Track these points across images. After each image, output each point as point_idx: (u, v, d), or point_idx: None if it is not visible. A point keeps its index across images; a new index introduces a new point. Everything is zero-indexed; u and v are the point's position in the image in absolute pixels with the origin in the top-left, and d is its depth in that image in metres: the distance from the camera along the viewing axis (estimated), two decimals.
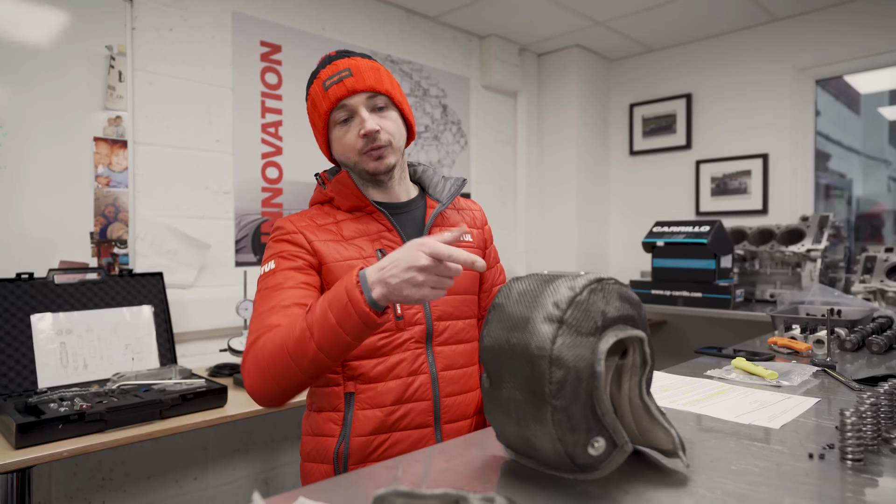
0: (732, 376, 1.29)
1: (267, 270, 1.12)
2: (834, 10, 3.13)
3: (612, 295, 0.73)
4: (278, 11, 2.64)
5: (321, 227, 1.16)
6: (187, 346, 2.31)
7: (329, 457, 1.13)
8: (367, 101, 1.13)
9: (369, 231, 1.17)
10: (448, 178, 1.29)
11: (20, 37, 1.96)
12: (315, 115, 1.18)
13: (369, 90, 1.13)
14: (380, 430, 1.12)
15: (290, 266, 1.11)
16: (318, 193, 1.24)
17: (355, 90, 1.12)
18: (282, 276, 1.09)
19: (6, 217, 1.93)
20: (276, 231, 1.18)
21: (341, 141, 1.16)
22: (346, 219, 1.18)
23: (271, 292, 1.07)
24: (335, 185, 1.18)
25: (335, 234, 1.16)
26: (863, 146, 4.32)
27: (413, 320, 1.15)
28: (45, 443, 1.44)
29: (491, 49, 3.52)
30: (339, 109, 1.13)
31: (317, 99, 1.15)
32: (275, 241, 1.16)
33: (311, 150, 2.73)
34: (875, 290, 2.50)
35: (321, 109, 1.15)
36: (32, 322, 1.81)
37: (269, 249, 1.16)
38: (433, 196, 1.27)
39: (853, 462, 0.77)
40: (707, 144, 3.60)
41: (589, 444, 0.69)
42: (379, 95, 1.15)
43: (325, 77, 1.14)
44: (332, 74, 1.13)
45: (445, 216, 1.27)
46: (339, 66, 1.13)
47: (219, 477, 2.41)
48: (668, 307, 2.89)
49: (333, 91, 1.12)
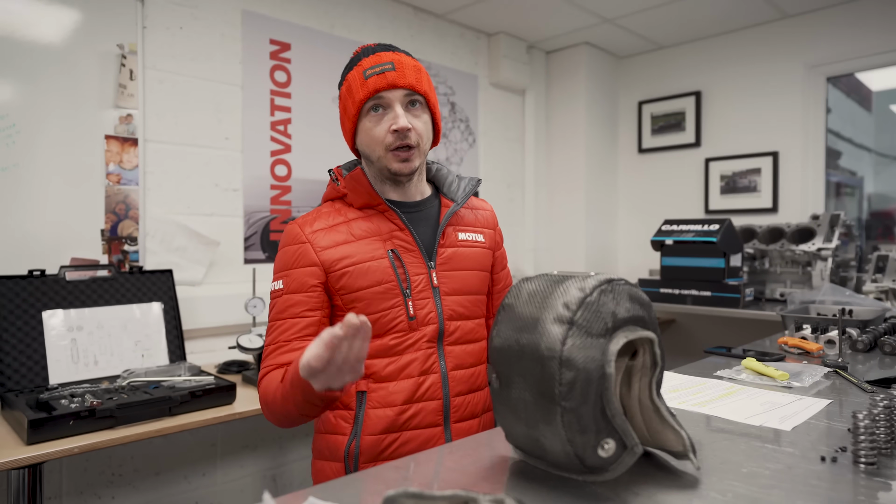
0: (742, 377, 1.28)
1: (275, 288, 1.17)
2: (845, 7, 3.10)
3: (623, 296, 0.73)
4: (287, 9, 2.65)
5: (332, 228, 1.16)
6: (196, 342, 2.32)
7: (340, 455, 1.14)
8: (403, 98, 1.12)
9: (381, 230, 1.17)
10: (462, 178, 1.28)
11: (33, 36, 1.97)
12: (349, 101, 1.15)
13: (409, 88, 1.12)
14: (391, 428, 1.13)
15: (295, 289, 1.14)
16: (330, 189, 1.23)
17: (395, 85, 1.11)
18: (287, 300, 1.14)
19: (18, 214, 1.95)
20: (286, 236, 1.19)
21: (370, 133, 1.14)
22: (357, 217, 1.18)
23: (278, 317, 1.15)
24: (349, 182, 1.17)
25: (346, 234, 1.15)
26: (874, 143, 4.28)
27: (426, 320, 1.16)
28: (56, 439, 1.45)
29: (499, 46, 3.51)
30: (374, 100, 1.12)
31: (354, 86, 1.13)
32: (284, 248, 1.18)
33: (320, 147, 2.74)
34: (887, 290, 2.48)
35: (357, 97, 1.13)
36: (44, 319, 1.82)
37: (279, 259, 1.19)
38: (447, 195, 1.26)
39: (866, 465, 0.77)
40: (716, 142, 3.57)
41: (599, 446, 0.69)
42: (417, 95, 1.14)
43: (367, 66, 1.12)
44: (374, 65, 1.12)
45: (460, 215, 1.27)
46: (383, 59, 1.12)
47: (227, 473, 2.42)
48: (677, 306, 2.88)
49: (374, 81, 1.10)
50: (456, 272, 1.21)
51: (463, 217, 1.27)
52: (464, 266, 1.22)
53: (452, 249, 1.22)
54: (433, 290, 1.17)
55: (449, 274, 1.20)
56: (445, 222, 1.21)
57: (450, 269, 1.20)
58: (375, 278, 1.13)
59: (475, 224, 1.29)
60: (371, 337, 1.10)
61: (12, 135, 1.93)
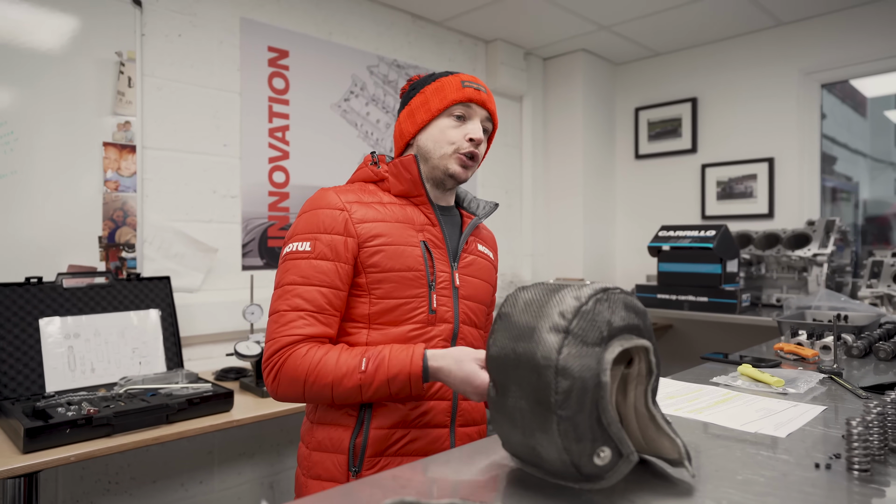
0: (738, 383, 1.29)
1: (298, 249, 1.10)
2: (840, 15, 3.12)
3: (618, 304, 0.73)
4: (286, 17, 2.66)
5: (367, 204, 1.16)
6: (194, 349, 2.32)
7: (344, 447, 1.12)
8: (484, 119, 1.23)
9: (415, 220, 1.19)
10: (481, 200, 1.36)
11: (31, 43, 1.98)
12: (436, 98, 1.19)
13: (491, 113, 1.24)
14: (401, 424, 1.13)
15: (327, 255, 1.10)
16: (365, 171, 1.24)
17: (485, 104, 1.22)
18: (316, 266, 1.09)
19: (16, 221, 1.95)
20: (318, 200, 1.14)
21: (446, 132, 1.19)
22: (392, 202, 1.19)
23: (302, 281, 1.09)
24: (395, 167, 1.20)
25: (382, 213, 1.16)
26: (870, 149, 4.30)
27: (444, 318, 1.17)
28: (52, 447, 1.45)
29: (497, 53, 3.53)
30: (463, 107, 1.20)
31: (448, 88, 1.19)
32: (315, 210, 1.13)
33: (318, 154, 2.74)
34: (882, 295, 2.49)
35: (450, 97, 1.19)
36: (41, 326, 1.82)
37: (306, 220, 1.13)
38: (468, 209, 1.34)
39: (860, 472, 0.77)
40: (713, 148, 3.59)
41: (594, 454, 0.69)
42: (491, 123, 1.25)
43: (465, 79, 1.21)
44: (472, 81, 1.22)
45: (479, 229, 1.35)
46: (479, 81, 1.24)
47: (224, 481, 2.41)
48: (674, 311, 2.88)
49: (471, 92, 1.19)
50: (473, 279, 1.25)
51: (480, 231, 1.35)
52: (480, 275, 1.27)
53: (472, 257, 1.27)
54: (454, 289, 1.20)
55: (468, 279, 1.23)
56: (470, 230, 1.26)
57: (469, 275, 1.24)
58: (407, 263, 1.13)
59: (488, 240, 1.36)
60: (390, 324, 1.12)
61: (10, 142, 1.93)
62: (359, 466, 1.11)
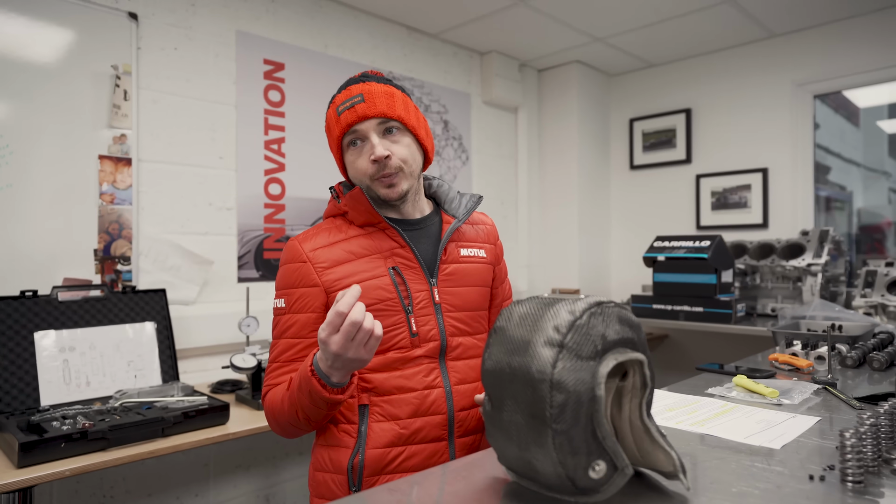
0: (733, 394, 1.29)
1: (277, 306, 1.19)
2: (832, 27, 3.16)
3: (612, 318, 0.74)
4: (281, 29, 2.67)
5: (333, 245, 1.17)
6: (189, 362, 2.31)
7: (343, 467, 1.13)
8: (377, 127, 1.15)
9: (382, 248, 1.18)
10: (464, 195, 1.30)
11: (28, 56, 1.98)
12: (330, 139, 1.20)
13: (380, 116, 1.14)
14: (396, 442, 1.13)
15: (297, 309, 1.16)
16: (332, 206, 1.24)
17: (366, 116, 1.13)
18: (289, 320, 1.17)
19: (11, 234, 1.94)
20: (287, 254, 1.19)
21: (354, 165, 1.17)
22: (358, 234, 1.19)
23: (280, 335, 1.18)
24: (349, 201, 1.18)
25: (347, 252, 1.16)
26: (863, 158, 4.33)
27: (428, 337, 1.17)
28: (47, 462, 1.44)
29: (491, 65, 3.55)
30: (350, 134, 1.15)
31: (331, 124, 1.18)
32: (285, 265, 1.19)
33: (314, 166, 2.75)
34: (876, 305, 2.50)
35: (334, 134, 1.18)
36: (35, 339, 1.82)
37: (281, 276, 1.20)
38: (448, 211, 1.28)
39: (853, 484, 0.77)
40: (707, 159, 3.61)
41: (590, 468, 0.70)
42: (391, 121, 1.16)
43: (339, 102, 1.16)
44: (345, 100, 1.15)
45: (461, 231, 1.28)
46: (353, 92, 1.15)
47: (220, 493, 2.40)
48: (669, 322, 2.89)
49: (345, 117, 1.14)
50: (458, 288, 1.22)
51: (464, 233, 1.28)
52: (465, 282, 1.24)
53: (454, 266, 1.23)
54: (435, 306, 1.19)
55: (451, 290, 1.21)
56: (447, 239, 1.22)
57: (451, 286, 1.22)
58: (377, 296, 1.14)
59: (476, 239, 1.30)
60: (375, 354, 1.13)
61: (5, 155, 1.93)
62: (358, 485, 1.12)
